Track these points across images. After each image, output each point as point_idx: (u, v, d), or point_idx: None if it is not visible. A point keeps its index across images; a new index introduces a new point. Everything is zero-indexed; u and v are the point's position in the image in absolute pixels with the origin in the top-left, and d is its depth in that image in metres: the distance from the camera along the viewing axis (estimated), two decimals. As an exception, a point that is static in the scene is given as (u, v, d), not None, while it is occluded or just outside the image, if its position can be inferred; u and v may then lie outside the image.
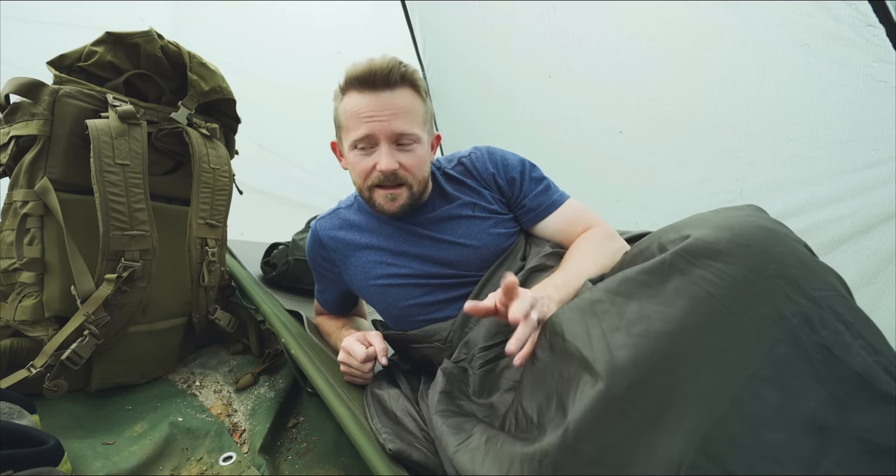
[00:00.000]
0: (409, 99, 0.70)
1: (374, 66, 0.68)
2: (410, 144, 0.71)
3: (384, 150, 0.69)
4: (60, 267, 0.77)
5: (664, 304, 0.42)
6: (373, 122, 0.68)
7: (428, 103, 0.75)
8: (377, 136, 0.69)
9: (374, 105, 0.68)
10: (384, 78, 0.68)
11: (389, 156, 0.69)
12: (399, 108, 0.69)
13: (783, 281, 0.41)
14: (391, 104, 0.68)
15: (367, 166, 0.71)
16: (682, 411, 0.37)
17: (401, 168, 0.70)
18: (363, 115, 0.68)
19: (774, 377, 0.38)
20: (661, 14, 1.23)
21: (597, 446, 0.38)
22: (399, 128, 0.68)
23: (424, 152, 0.73)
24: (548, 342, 0.50)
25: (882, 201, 0.94)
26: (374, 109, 0.68)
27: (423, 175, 0.74)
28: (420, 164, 0.72)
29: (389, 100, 0.68)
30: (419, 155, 0.72)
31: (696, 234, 0.44)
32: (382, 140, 0.69)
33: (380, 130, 0.68)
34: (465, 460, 0.48)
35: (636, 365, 0.39)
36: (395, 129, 0.68)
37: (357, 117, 0.69)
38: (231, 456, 0.73)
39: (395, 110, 0.68)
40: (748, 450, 0.36)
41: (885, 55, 0.89)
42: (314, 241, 0.86)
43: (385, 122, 0.68)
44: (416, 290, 0.77)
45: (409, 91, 0.70)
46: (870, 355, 0.39)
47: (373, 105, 0.68)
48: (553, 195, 0.79)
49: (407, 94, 0.70)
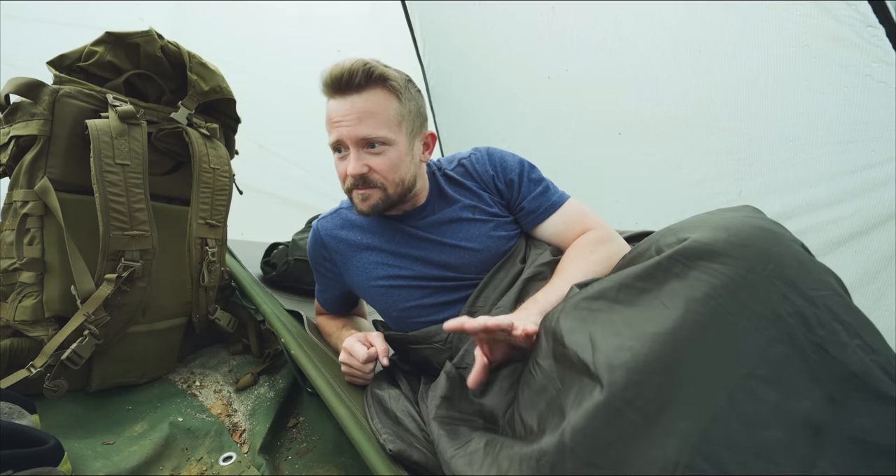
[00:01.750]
0: (379, 100, 0.68)
1: (336, 71, 0.67)
2: (380, 147, 0.69)
3: (352, 155, 0.69)
4: (60, 267, 0.77)
5: (661, 307, 0.42)
6: (340, 127, 0.68)
7: (408, 101, 0.71)
8: (345, 141, 0.69)
9: (341, 110, 0.68)
10: (347, 82, 0.67)
11: (357, 160, 0.69)
12: (364, 112, 0.67)
13: (780, 281, 0.41)
14: (355, 108, 0.67)
15: (342, 171, 0.72)
16: (679, 411, 0.38)
17: (370, 171, 0.70)
18: (333, 120, 0.69)
19: (770, 376, 0.38)
20: (660, 15, 1.23)
21: (594, 447, 0.39)
22: (363, 132, 0.67)
23: (399, 154, 0.71)
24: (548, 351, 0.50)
25: (882, 202, 0.94)
26: (341, 114, 0.68)
27: (399, 177, 0.71)
28: (392, 166, 0.70)
29: (354, 104, 0.67)
30: (391, 157, 0.70)
31: (694, 236, 0.44)
32: (350, 145, 0.69)
33: (346, 135, 0.68)
34: (463, 465, 0.48)
35: (633, 366, 0.39)
36: (359, 133, 0.67)
37: (329, 122, 0.70)
38: (231, 456, 0.73)
39: (360, 114, 0.67)
40: (744, 449, 0.36)
41: (884, 56, 0.89)
42: (315, 240, 0.86)
43: (350, 126, 0.67)
44: (416, 291, 0.77)
45: (378, 92, 0.68)
46: (867, 354, 0.40)
47: (340, 110, 0.68)
48: (552, 197, 0.79)
49: (376, 96, 0.68)
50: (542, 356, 0.51)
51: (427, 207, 0.80)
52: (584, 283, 0.57)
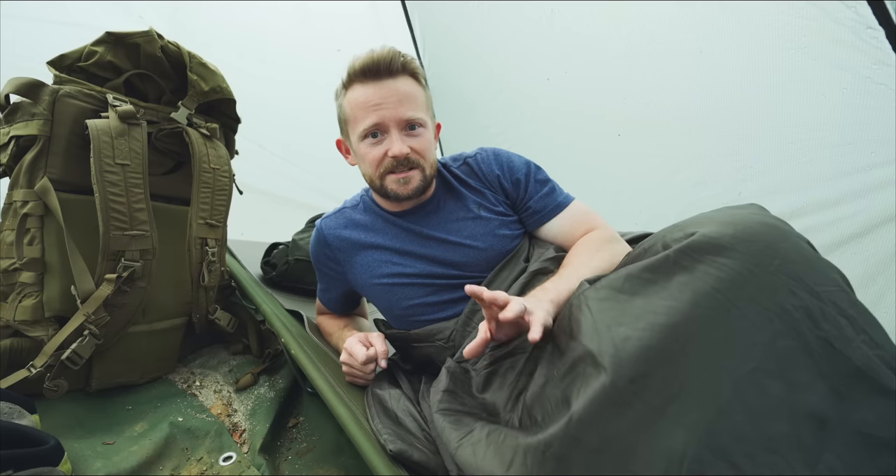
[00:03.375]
0: (412, 86, 0.72)
1: (377, 56, 0.70)
2: (418, 129, 0.73)
3: (395, 136, 0.70)
4: (60, 267, 0.77)
5: (669, 299, 0.42)
6: (381, 109, 0.70)
7: (427, 90, 0.76)
8: (387, 123, 0.70)
9: (381, 93, 0.70)
10: (387, 66, 0.70)
11: (400, 141, 0.71)
12: (405, 95, 0.71)
13: (786, 276, 0.41)
14: (397, 91, 0.70)
15: (378, 155, 0.72)
16: (686, 403, 0.38)
17: (412, 152, 0.72)
18: (371, 103, 0.70)
19: (776, 370, 0.38)
20: (659, 17, 1.23)
21: (600, 437, 0.39)
22: (407, 113, 0.70)
23: (431, 137, 0.76)
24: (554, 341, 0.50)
25: (881, 204, 0.94)
26: (381, 97, 0.70)
27: (433, 159, 0.76)
28: (429, 147, 0.74)
29: (394, 87, 0.70)
30: (427, 139, 0.74)
31: (701, 231, 0.44)
32: (392, 126, 0.71)
33: (389, 117, 0.70)
34: (468, 454, 0.48)
35: (640, 357, 0.40)
36: (403, 114, 0.70)
37: (365, 107, 0.71)
38: (231, 456, 0.73)
39: (401, 96, 0.70)
40: (750, 441, 0.36)
41: (884, 57, 0.89)
42: (319, 239, 0.86)
43: (393, 108, 0.70)
44: (420, 289, 0.77)
45: (409, 79, 0.72)
46: (871, 349, 0.40)
47: (379, 93, 0.70)
48: (558, 197, 0.79)
49: (409, 82, 0.72)
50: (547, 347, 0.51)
51: (432, 203, 0.80)
52: (594, 278, 0.57)
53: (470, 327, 0.72)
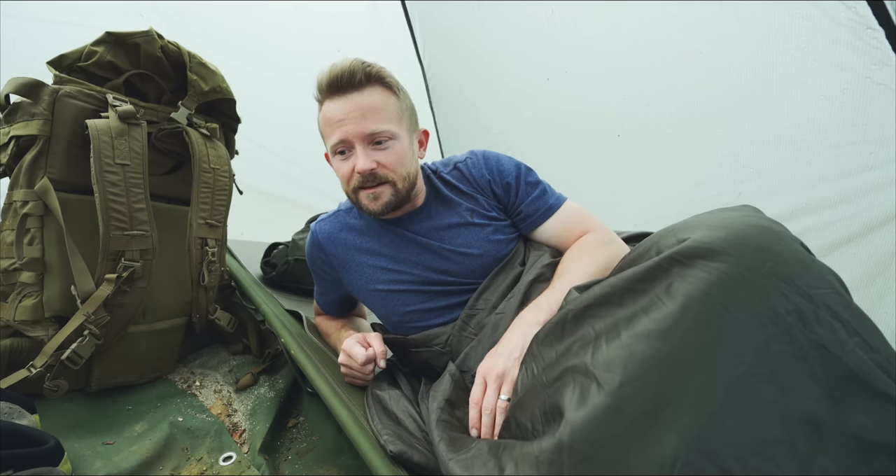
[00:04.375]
0: (379, 97, 0.69)
1: (337, 71, 0.68)
2: (386, 141, 0.70)
3: (359, 151, 0.68)
4: (60, 267, 0.77)
5: (659, 305, 0.42)
6: (343, 125, 0.68)
7: (403, 98, 0.73)
8: (350, 139, 0.69)
9: (344, 108, 0.68)
10: (349, 79, 0.68)
11: (365, 156, 0.68)
12: (368, 108, 0.68)
13: (779, 279, 0.41)
14: (359, 105, 0.68)
15: (347, 170, 0.71)
16: (677, 409, 0.38)
17: (379, 166, 0.69)
18: (335, 119, 0.68)
19: (769, 374, 0.38)
20: (659, 18, 1.23)
21: (592, 444, 0.39)
22: (370, 127, 0.68)
23: (404, 148, 0.72)
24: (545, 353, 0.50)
25: (881, 204, 0.94)
26: (343, 113, 0.68)
27: (406, 171, 0.72)
28: (399, 160, 0.71)
29: (357, 101, 0.68)
30: (397, 151, 0.70)
31: (693, 236, 0.44)
32: (356, 142, 0.68)
33: (352, 133, 0.68)
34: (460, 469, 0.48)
35: (630, 364, 0.40)
36: (365, 129, 0.68)
37: (331, 124, 0.69)
38: (231, 456, 0.73)
39: (364, 110, 0.68)
40: (742, 446, 0.36)
41: (884, 58, 0.89)
42: (314, 243, 0.86)
43: (354, 123, 0.68)
44: (416, 296, 0.77)
45: (377, 89, 0.70)
46: (865, 353, 0.40)
47: (342, 109, 0.68)
48: (549, 200, 0.78)
49: (376, 93, 0.69)
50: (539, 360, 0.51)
51: (424, 210, 0.79)
52: (584, 285, 0.58)
53: (466, 333, 0.72)
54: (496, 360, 0.59)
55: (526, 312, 0.64)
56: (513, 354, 0.58)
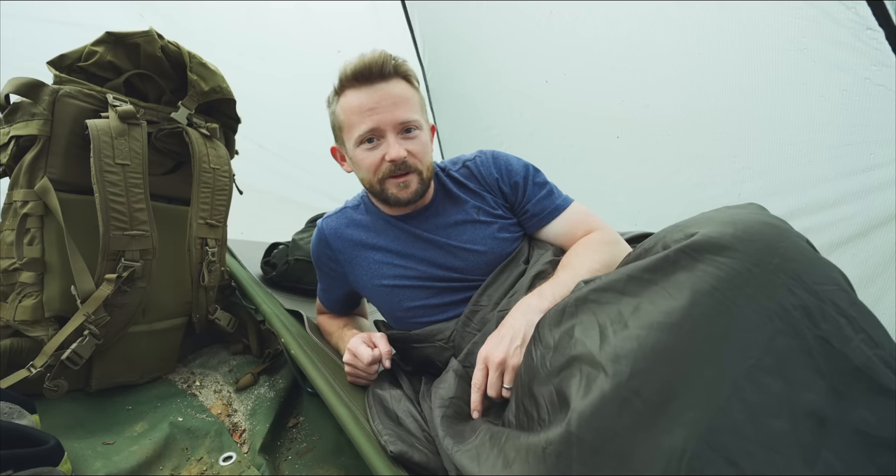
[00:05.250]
0: (405, 88, 0.72)
1: (368, 60, 0.69)
2: (414, 131, 0.72)
3: (391, 140, 0.70)
4: (60, 267, 0.77)
5: (668, 298, 0.42)
6: (376, 113, 0.69)
7: (420, 92, 0.76)
8: (382, 127, 0.70)
9: (375, 97, 0.69)
10: (379, 70, 0.69)
11: (397, 145, 0.70)
12: (399, 97, 0.70)
13: (786, 274, 0.41)
14: (390, 94, 0.69)
15: (375, 160, 0.71)
16: (685, 401, 0.38)
17: (409, 155, 0.71)
18: (365, 108, 0.69)
19: (776, 368, 0.38)
20: (658, 19, 1.23)
21: (600, 435, 0.39)
22: (403, 116, 0.70)
23: (427, 139, 0.75)
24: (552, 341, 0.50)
25: (881, 205, 0.94)
26: (375, 101, 0.69)
27: (429, 161, 0.75)
28: (425, 150, 0.74)
29: (388, 90, 0.70)
30: (423, 141, 0.73)
31: (702, 231, 0.45)
32: (388, 130, 0.70)
33: (385, 121, 0.69)
34: (468, 459, 0.49)
35: (639, 356, 0.40)
36: (398, 118, 0.69)
37: (359, 112, 0.70)
38: (231, 456, 0.73)
39: (396, 99, 0.69)
40: (750, 439, 0.36)
41: (884, 59, 0.89)
42: (320, 239, 0.86)
43: (388, 112, 0.69)
44: (421, 291, 0.77)
45: (402, 82, 0.72)
46: (870, 349, 0.40)
47: (373, 97, 0.69)
48: (556, 200, 0.79)
49: (402, 85, 0.72)
50: (545, 346, 0.51)
51: (432, 207, 0.80)
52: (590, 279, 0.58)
53: (469, 328, 0.72)
54: (497, 346, 0.59)
55: (528, 298, 0.64)
56: (514, 342, 0.59)
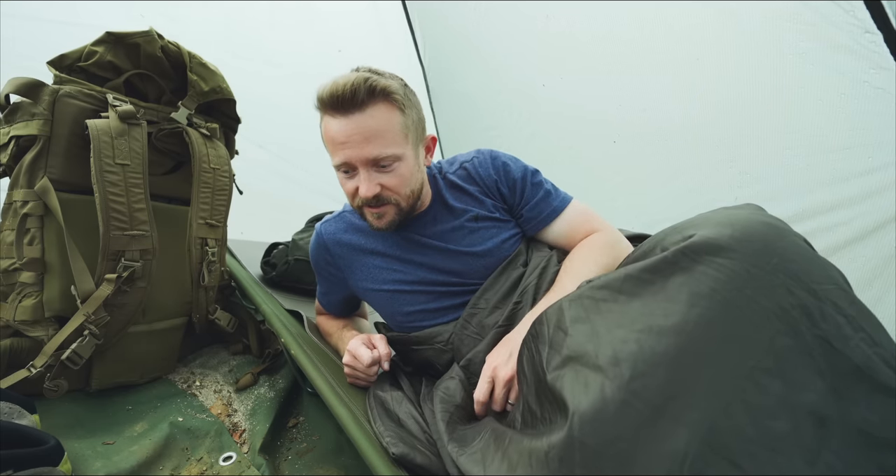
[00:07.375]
0: (383, 116, 0.65)
1: (338, 89, 0.63)
2: (390, 164, 0.67)
3: (363, 176, 0.66)
4: (60, 267, 0.77)
5: (667, 300, 0.42)
6: (346, 148, 0.65)
7: (410, 111, 0.69)
8: (353, 162, 0.66)
9: (346, 130, 0.64)
10: (350, 99, 0.63)
11: (368, 181, 0.66)
12: (371, 131, 0.64)
13: (784, 275, 0.41)
14: (362, 128, 0.64)
15: (351, 188, 0.69)
16: (687, 403, 0.38)
17: (383, 190, 0.68)
18: (337, 141, 0.66)
19: (776, 369, 0.38)
20: (655, 23, 1.23)
21: (602, 438, 0.39)
22: (373, 153, 0.65)
23: (409, 168, 0.69)
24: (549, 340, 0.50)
25: (880, 208, 0.94)
26: (346, 135, 0.65)
27: (411, 190, 0.71)
28: (403, 181, 0.69)
29: (360, 123, 0.64)
30: (402, 173, 0.68)
31: (700, 233, 0.45)
32: (359, 166, 0.66)
33: (355, 157, 0.65)
34: (472, 463, 0.49)
35: (639, 358, 0.40)
36: (369, 154, 0.65)
37: (333, 143, 0.67)
38: (231, 456, 0.73)
39: (368, 134, 0.64)
40: (751, 439, 0.36)
41: (882, 62, 0.89)
42: (319, 244, 0.86)
43: (358, 148, 0.65)
44: (421, 296, 0.77)
45: (381, 106, 0.65)
46: (870, 347, 0.40)
47: (345, 130, 0.65)
48: (553, 202, 0.79)
49: (380, 112, 0.65)
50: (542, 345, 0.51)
51: (429, 213, 0.79)
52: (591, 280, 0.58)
53: (468, 331, 0.72)
54: (507, 362, 0.60)
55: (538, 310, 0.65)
56: None
